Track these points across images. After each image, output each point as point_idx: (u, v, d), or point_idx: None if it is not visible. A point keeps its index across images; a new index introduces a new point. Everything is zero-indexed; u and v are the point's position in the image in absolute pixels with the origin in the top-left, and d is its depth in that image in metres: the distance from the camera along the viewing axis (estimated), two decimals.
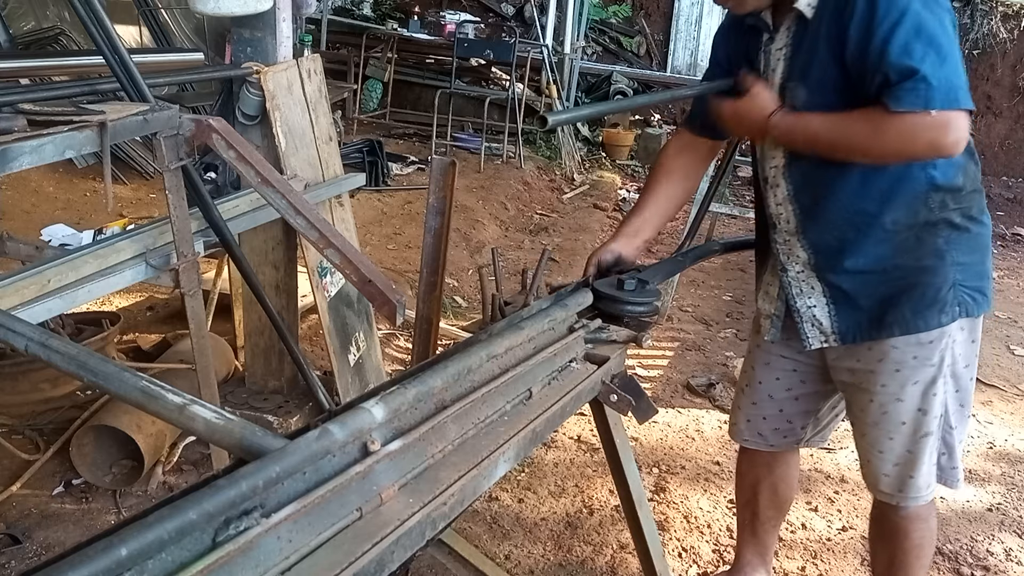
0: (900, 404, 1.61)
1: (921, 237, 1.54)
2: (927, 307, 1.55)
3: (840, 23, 1.43)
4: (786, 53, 1.55)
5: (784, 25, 1.55)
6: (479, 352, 1.06)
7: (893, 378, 1.60)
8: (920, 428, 1.62)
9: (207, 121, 1.80)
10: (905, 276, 1.56)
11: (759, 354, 1.84)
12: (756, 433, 1.89)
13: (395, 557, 0.80)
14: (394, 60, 7.82)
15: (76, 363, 0.93)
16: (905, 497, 1.67)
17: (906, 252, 1.55)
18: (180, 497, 0.67)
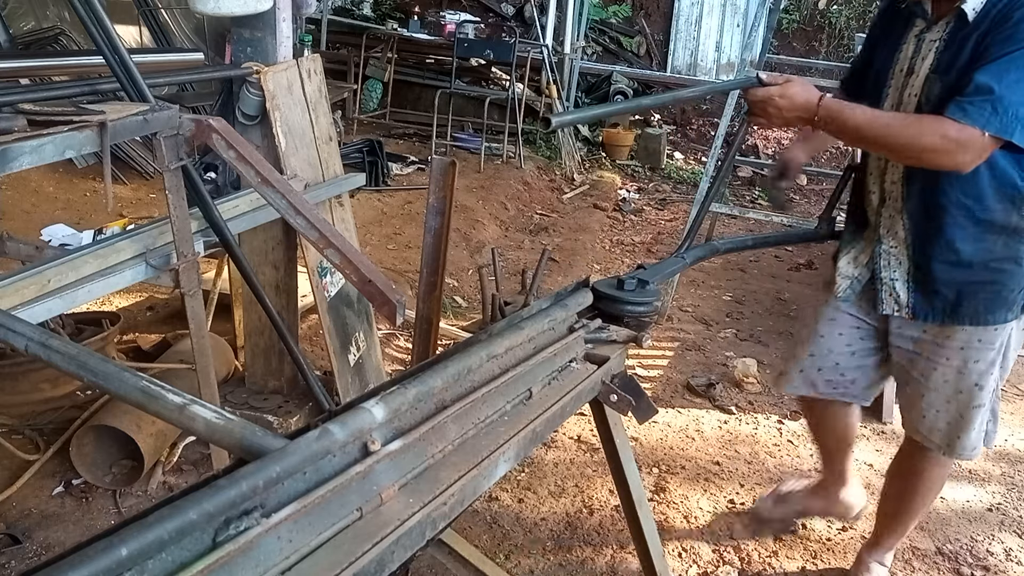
0: (961, 377, 1.79)
1: (1007, 242, 1.68)
2: (999, 306, 1.72)
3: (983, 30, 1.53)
4: (938, 46, 1.62)
5: (944, 19, 1.62)
6: (479, 352, 1.06)
7: (957, 354, 1.78)
8: (975, 399, 1.81)
9: (207, 121, 1.80)
10: (985, 274, 1.70)
11: (826, 311, 1.96)
12: (809, 383, 2.03)
13: (395, 557, 0.80)
14: (394, 60, 7.81)
15: (76, 363, 0.93)
16: (952, 451, 1.87)
17: (991, 252, 1.68)
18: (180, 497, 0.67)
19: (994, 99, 1.45)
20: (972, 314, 1.73)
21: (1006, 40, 1.48)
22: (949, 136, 1.49)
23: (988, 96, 1.46)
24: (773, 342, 3.81)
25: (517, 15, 9.26)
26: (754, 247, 2.50)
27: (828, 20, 9.00)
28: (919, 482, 1.99)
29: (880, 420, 3.11)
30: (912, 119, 1.61)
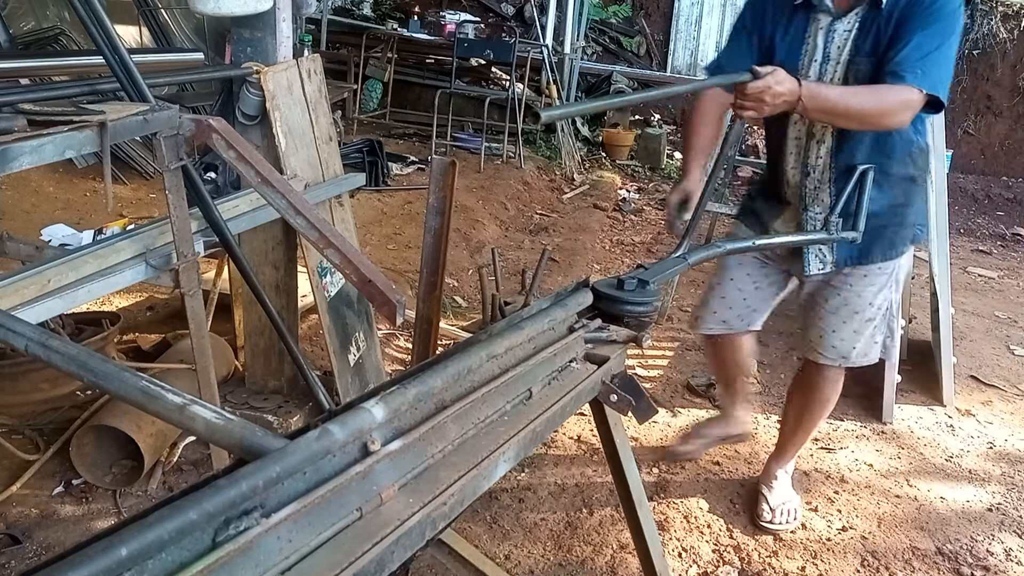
0: (859, 299, 2.13)
1: (906, 190, 2.04)
2: (900, 242, 2.08)
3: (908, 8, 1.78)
4: (853, 35, 1.87)
5: (854, 11, 1.86)
6: (479, 352, 1.06)
7: (860, 281, 2.11)
8: (867, 315, 2.15)
9: (207, 121, 1.80)
10: (890, 219, 2.04)
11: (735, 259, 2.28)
12: (721, 321, 2.37)
13: (395, 557, 0.80)
14: (394, 60, 7.82)
15: (76, 363, 0.93)
16: (848, 360, 2.21)
17: (895, 200, 2.03)
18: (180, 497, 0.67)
19: (924, 66, 1.73)
20: (881, 253, 2.07)
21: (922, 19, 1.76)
22: (903, 98, 1.75)
23: (919, 63, 1.74)
24: (773, 342, 3.80)
25: (517, 15, 9.25)
26: (757, 248, 2.50)
27: None
28: (818, 395, 2.31)
29: (880, 420, 3.12)
30: (873, 89, 1.81)
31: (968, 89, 8.60)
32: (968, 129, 8.64)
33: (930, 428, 3.12)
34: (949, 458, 2.90)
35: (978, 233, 6.77)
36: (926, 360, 3.59)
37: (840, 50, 1.90)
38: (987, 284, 5.25)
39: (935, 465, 2.85)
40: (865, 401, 3.26)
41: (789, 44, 1.96)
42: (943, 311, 3.35)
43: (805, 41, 1.94)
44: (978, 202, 7.70)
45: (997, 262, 5.87)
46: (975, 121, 8.65)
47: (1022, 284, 5.33)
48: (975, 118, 8.65)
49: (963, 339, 4.04)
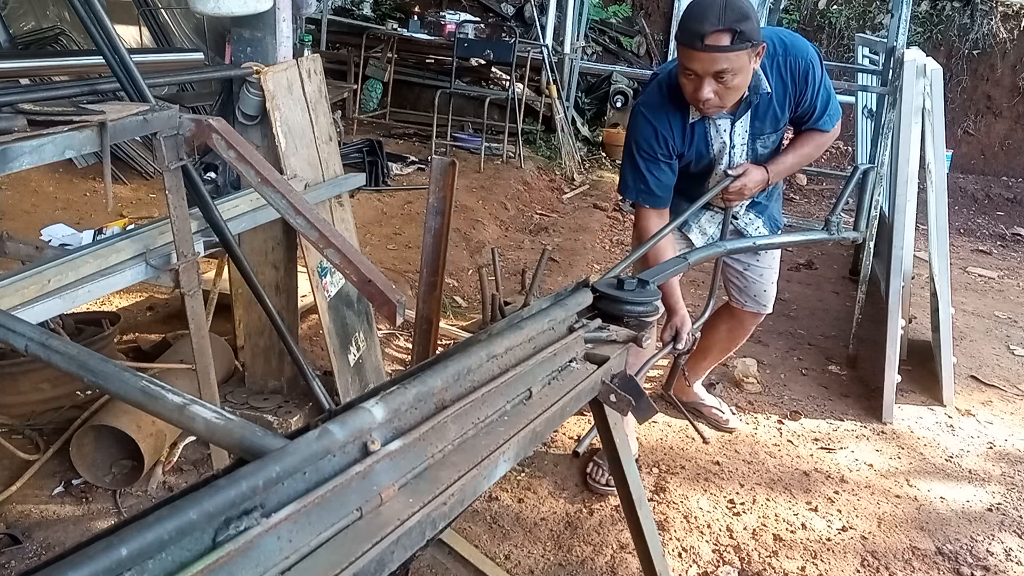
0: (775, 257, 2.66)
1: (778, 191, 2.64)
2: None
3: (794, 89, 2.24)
4: (752, 123, 2.27)
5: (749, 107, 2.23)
6: (479, 352, 1.06)
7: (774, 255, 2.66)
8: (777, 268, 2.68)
9: (207, 121, 1.80)
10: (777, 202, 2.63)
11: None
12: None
13: (395, 557, 0.80)
14: (394, 60, 7.81)
15: (76, 363, 0.93)
16: (768, 308, 2.72)
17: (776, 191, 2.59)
18: (180, 497, 0.67)
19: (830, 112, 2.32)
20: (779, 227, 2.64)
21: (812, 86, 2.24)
22: (830, 137, 2.41)
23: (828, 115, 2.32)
24: (773, 342, 3.81)
25: (517, 15, 9.25)
26: (758, 248, 2.50)
27: (828, 20, 8.99)
28: (743, 332, 2.83)
29: (880, 420, 3.12)
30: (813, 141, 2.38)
31: (968, 89, 8.60)
32: (968, 129, 8.64)
33: (930, 428, 3.12)
34: (949, 458, 2.90)
35: (978, 233, 6.77)
36: (926, 360, 3.59)
37: (742, 137, 2.30)
38: (987, 284, 5.25)
39: (935, 465, 2.85)
40: (865, 401, 3.26)
41: (696, 151, 2.28)
42: (943, 311, 3.35)
43: (710, 143, 2.28)
44: (978, 202, 7.70)
45: (997, 262, 5.87)
46: (975, 121, 8.65)
47: (1022, 284, 5.33)
48: (975, 118, 8.65)
49: (963, 339, 4.04)
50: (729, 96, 2.10)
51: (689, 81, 2.08)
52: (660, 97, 2.23)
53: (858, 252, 4.53)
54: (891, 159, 3.52)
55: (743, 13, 1.96)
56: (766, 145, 2.34)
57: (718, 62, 1.99)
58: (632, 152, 2.28)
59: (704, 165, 2.34)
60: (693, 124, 2.24)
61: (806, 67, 2.22)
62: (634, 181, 2.31)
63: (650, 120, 2.23)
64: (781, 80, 2.22)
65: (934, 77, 3.37)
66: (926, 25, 8.61)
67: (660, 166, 2.26)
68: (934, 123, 3.36)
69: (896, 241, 3.23)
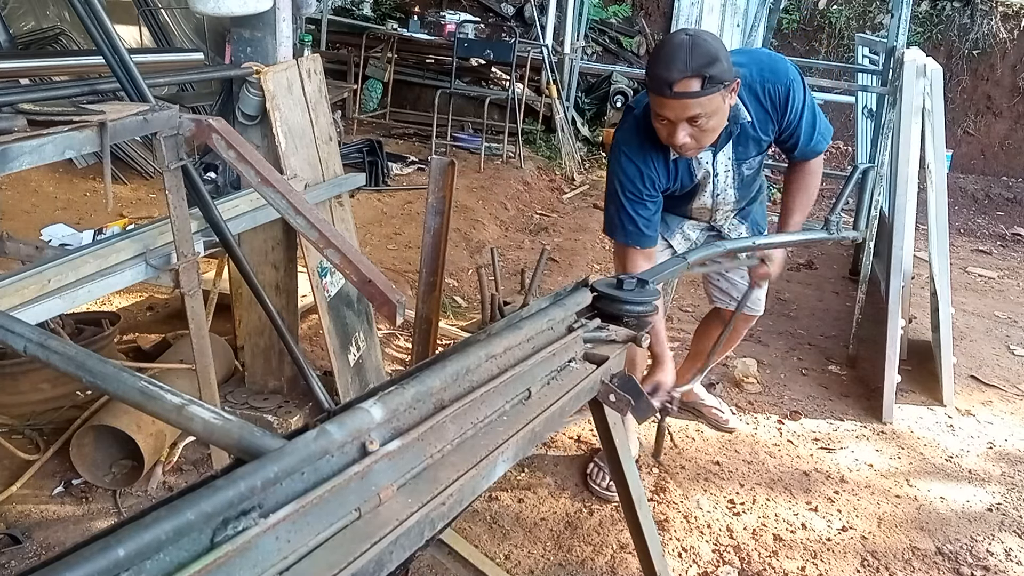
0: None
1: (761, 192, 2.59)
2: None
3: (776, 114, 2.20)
4: (735, 153, 2.25)
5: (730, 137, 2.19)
6: (478, 352, 1.06)
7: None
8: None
9: (207, 121, 1.80)
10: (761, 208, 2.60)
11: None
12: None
13: (394, 557, 0.80)
14: (394, 60, 7.82)
15: (75, 364, 0.93)
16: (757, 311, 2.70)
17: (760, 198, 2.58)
18: (178, 498, 0.67)
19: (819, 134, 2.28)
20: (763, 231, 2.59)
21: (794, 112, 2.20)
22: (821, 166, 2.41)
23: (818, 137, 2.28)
24: (773, 342, 3.81)
25: (517, 15, 9.25)
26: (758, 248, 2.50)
27: (828, 20, 8.99)
28: (736, 335, 2.81)
29: (880, 420, 3.12)
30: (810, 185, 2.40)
31: (968, 89, 8.60)
32: (968, 129, 8.64)
33: (930, 428, 3.12)
34: (949, 458, 2.90)
35: (978, 233, 6.77)
36: (926, 360, 3.59)
37: (725, 165, 2.29)
38: (987, 284, 5.25)
39: (935, 465, 2.85)
40: (865, 401, 3.26)
41: (681, 183, 2.26)
42: (943, 311, 3.35)
43: (693, 174, 2.26)
44: (978, 202, 7.70)
45: (997, 262, 5.87)
46: (975, 121, 8.64)
47: (1022, 284, 5.32)
48: (975, 118, 8.64)
49: (963, 339, 4.04)
50: (706, 137, 2.04)
51: (663, 127, 2.02)
52: (639, 136, 2.17)
53: (858, 252, 4.53)
54: (891, 159, 3.52)
55: (711, 56, 1.89)
56: (752, 167, 2.33)
57: (690, 108, 1.93)
58: (617, 193, 2.21)
59: (688, 191, 2.31)
60: (675, 160, 2.19)
61: (786, 92, 2.16)
62: (622, 223, 2.23)
63: (634, 161, 2.18)
64: (761, 107, 2.17)
65: (934, 77, 3.37)
66: (926, 25, 8.60)
67: (647, 205, 2.21)
68: (934, 123, 3.36)
69: (896, 241, 3.23)
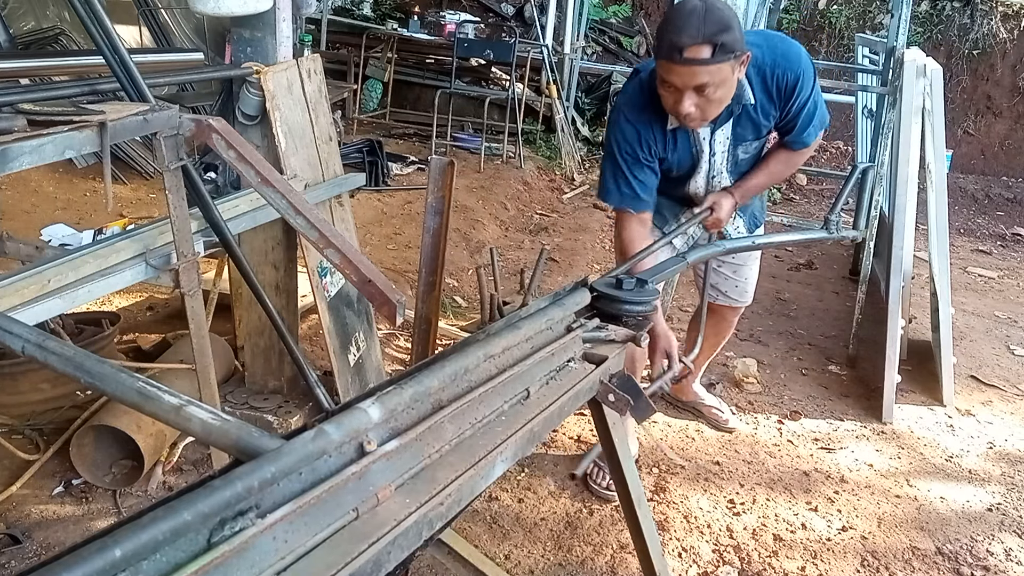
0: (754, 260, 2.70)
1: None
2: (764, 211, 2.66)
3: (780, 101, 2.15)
4: (733, 132, 2.20)
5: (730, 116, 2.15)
6: (476, 352, 1.06)
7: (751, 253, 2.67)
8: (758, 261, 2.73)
9: (207, 121, 1.80)
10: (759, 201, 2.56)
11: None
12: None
13: (392, 557, 0.80)
14: (394, 60, 7.82)
15: (73, 364, 0.93)
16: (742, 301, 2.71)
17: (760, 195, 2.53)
18: (175, 498, 0.67)
19: (816, 122, 2.23)
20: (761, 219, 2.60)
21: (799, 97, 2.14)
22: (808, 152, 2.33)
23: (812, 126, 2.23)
24: (773, 342, 3.81)
25: (517, 15, 9.25)
26: (757, 247, 2.51)
27: (828, 20, 8.99)
28: (726, 325, 2.83)
29: (880, 420, 3.11)
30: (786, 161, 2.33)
31: (968, 89, 8.59)
32: (968, 129, 8.64)
33: (930, 428, 3.12)
34: (949, 458, 2.90)
35: (978, 233, 6.77)
36: (926, 360, 3.59)
37: (724, 145, 2.24)
38: (987, 284, 5.25)
39: (935, 465, 2.85)
40: (865, 401, 3.26)
41: (679, 156, 2.23)
42: (943, 311, 3.35)
43: (692, 147, 2.23)
44: (978, 202, 7.69)
45: (997, 262, 5.86)
46: (975, 121, 8.64)
47: (1022, 284, 5.32)
48: (975, 118, 8.64)
49: (963, 339, 4.04)
50: (711, 109, 2.00)
51: (669, 94, 1.98)
52: (642, 99, 2.14)
53: (858, 252, 4.53)
54: (891, 159, 3.51)
55: (724, 23, 1.85)
56: (747, 151, 2.27)
57: (698, 76, 1.89)
58: (614, 154, 2.19)
59: (686, 169, 2.29)
60: (674, 130, 2.17)
61: (795, 81, 2.11)
62: (617, 186, 2.21)
63: (632, 123, 2.15)
64: (766, 92, 2.13)
65: (934, 77, 3.36)
66: (926, 25, 8.60)
67: (643, 169, 2.19)
68: (934, 123, 3.36)
69: (896, 241, 3.23)
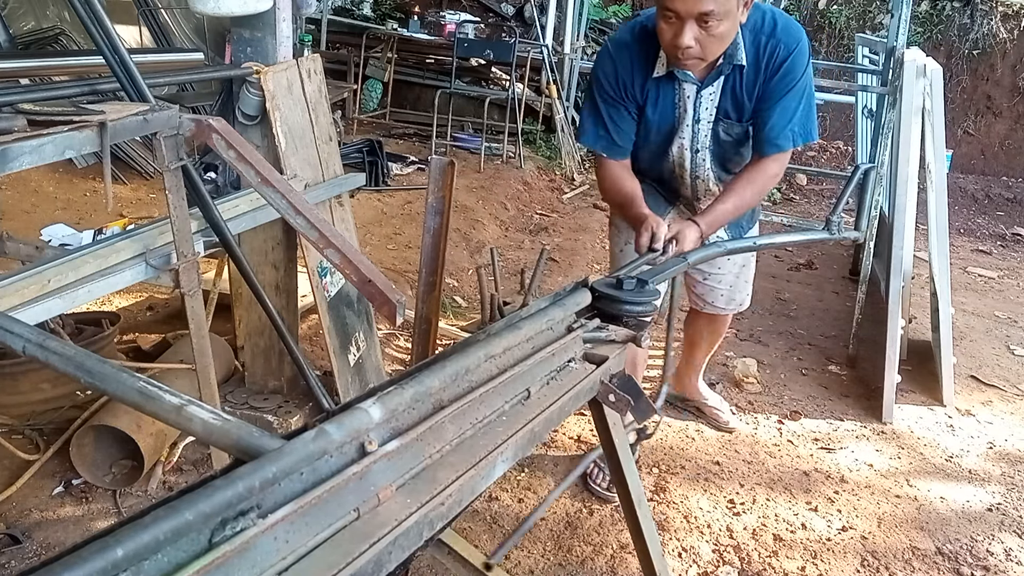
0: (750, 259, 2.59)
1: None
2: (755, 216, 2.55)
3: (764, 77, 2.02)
4: (715, 98, 2.08)
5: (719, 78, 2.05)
6: (477, 352, 1.06)
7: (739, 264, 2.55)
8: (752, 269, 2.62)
9: (207, 121, 1.80)
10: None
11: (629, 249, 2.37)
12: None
13: (393, 557, 0.80)
14: (394, 60, 7.82)
15: (74, 364, 0.93)
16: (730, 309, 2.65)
17: None
18: (176, 498, 0.67)
19: (794, 127, 2.06)
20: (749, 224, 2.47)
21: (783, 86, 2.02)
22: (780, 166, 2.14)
23: (789, 128, 2.06)
24: (773, 342, 3.81)
25: (517, 15, 9.25)
26: (758, 248, 2.50)
27: (828, 20, 8.99)
28: (721, 330, 2.82)
29: (880, 420, 3.12)
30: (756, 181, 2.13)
31: (968, 89, 8.60)
32: (968, 129, 8.64)
33: (930, 428, 3.12)
34: (949, 458, 2.90)
35: (978, 233, 6.77)
36: (926, 360, 3.59)
37: (709, 110, 2.11)
38: (987, 284, 5.25)
39: (935, 465, 2.85)
40: (865, 401, 3.26)
41: (661, 111, 2.12)
42: (943, 311, 3.35)
43: (676, 106, 2.12)
44: (978, 202, 7.70)
45: (997, 262, 5.86)
46: (975, 121, 8.64)
47: (1022, 284, 5.32)
48: (975, 118, 8.64)
49: (963, 339, 4.04)
50: (711, 46, 1.91)
51: (669, 26, 1.89)
52: (630, 38, 2.08)
53: (858, 252, 4.53)
54: (891, 159, 3.52)
55: None
56: (730, 134, 2.15)
57: (703, 3, 1.81)
58: (593, 93, 2.14)
59: (665, 132, 2.17)
60: (658, 79, 2.07)
61: (785, 55, 2.00)
62: (593, 126, 2.15)
63: (614, 59, 2.09)
64: (756, 59, 2.02)
65: (934, 77, 3.36)
66: (926, 25, 8.60)
67: (620, 111, 2.12)
68: (934, 123, 3.36)
69: (896, 241, 3.23)
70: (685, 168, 2.25)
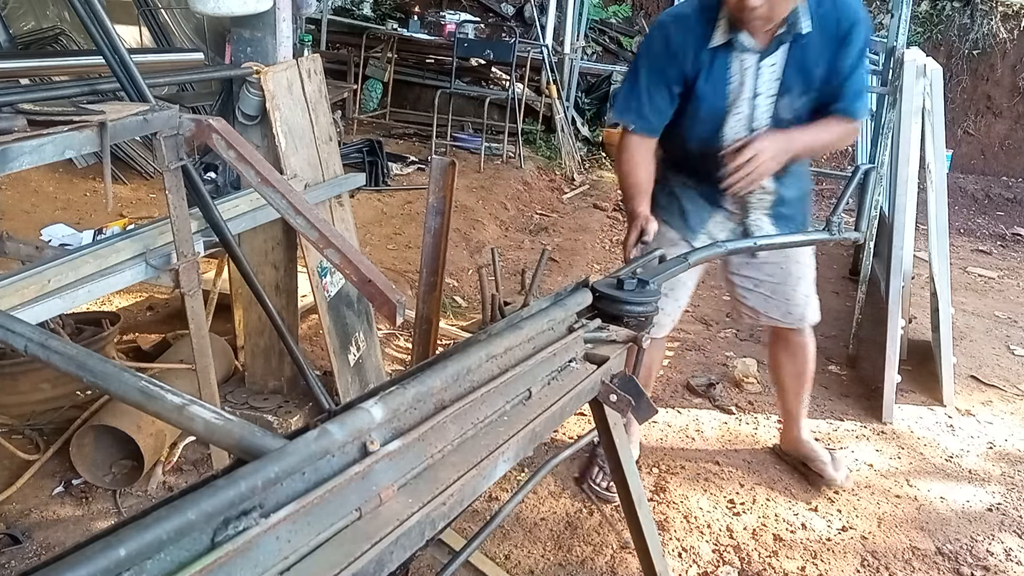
0: (799, 265, 2.34)
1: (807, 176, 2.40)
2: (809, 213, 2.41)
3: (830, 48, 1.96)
4: (777, 71, 2.01)
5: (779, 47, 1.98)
6: (478, 352, 1.06)
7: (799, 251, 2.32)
8: (808, 277, 2.38)
9: (207, 121, 1.80)
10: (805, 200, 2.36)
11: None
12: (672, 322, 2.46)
13: (394, 557, 0.80)
14: (394, 60, 7.82)
15: (75, 363, 0.93)
16: (811, 320, 2.43)
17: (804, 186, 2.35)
18: (179, 497, 0.67)
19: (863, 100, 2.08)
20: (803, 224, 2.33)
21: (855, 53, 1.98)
22: (852, 131, 2.13)
23: (859, 99, 2.05)
24: None
25: (517, 15, 9.25)
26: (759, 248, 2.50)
27: None
28: (806, 353, 2.51)
29: (880, 420, 3.12)
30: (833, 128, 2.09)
31: (968, 89, 8.60)
32: (968, 129, 8.64)
33: (930, 428, 3.12)
34: (949, 458, 2.90)
35: (978, 233, 6.77)
36: (926, 360, 3.59)
37: (770, 85, 2.03)
38: (987, 284, 5.25)
39: (935, 465, 2.85)
40: (865, 401, 3.26)
41: (714, 85, 2.03)
42: (943, 311, 3.35)
43: (729, 80, 2.03)
44: (978, 202, 7.70)
45: (997, 262, 5.87)
46: (975, 121, 8.65)
47: (1022, 284, 5.32)
48: (975, 118, 8.64)
49: (963, 339, 4.04)
50: (779, 6, 1.86)
51: None
52: (690, 9, 2.02)
53: (858, 252, 4.53)
54: (891, 159, 3.52)
55: None
56: (793, 109, 2.05)
57: None
58: (638, 65, 2.08)
59: (719, 109, 2.07)
60: (715, 50, 2.00)
61: (850, 26, 1.96)
62: (626, 97, 2.10)
63: (668, 28, 2.02)
64: (822, 30, 1.96)
65: (934, 77, 3.37)
66: (926, 25, 8.60)
67: (660, 87, 2.05)
68: (934, 123, 3.36)
69: (896, 241, 3.23)
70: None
